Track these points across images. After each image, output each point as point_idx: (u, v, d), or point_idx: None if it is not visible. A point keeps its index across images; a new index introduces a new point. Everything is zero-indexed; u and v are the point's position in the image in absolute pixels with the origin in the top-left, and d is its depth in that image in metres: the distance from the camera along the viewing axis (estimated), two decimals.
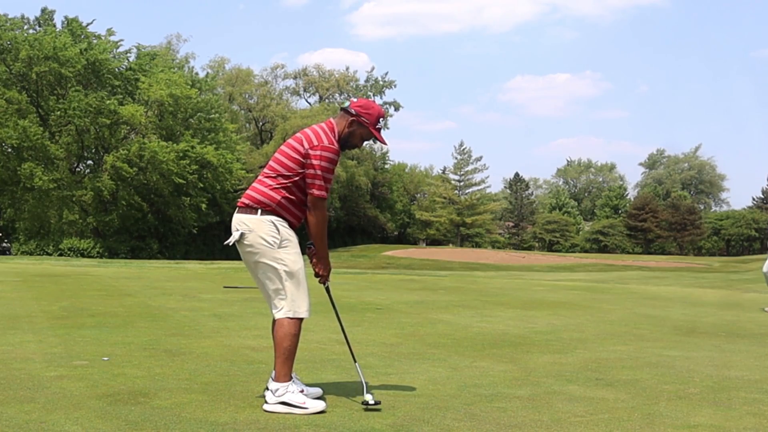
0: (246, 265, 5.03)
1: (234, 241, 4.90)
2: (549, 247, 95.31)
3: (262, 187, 4.89)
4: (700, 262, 57.34)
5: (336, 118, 5.04)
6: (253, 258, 4.89)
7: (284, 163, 4.85)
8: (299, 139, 4.87)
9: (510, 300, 13.79)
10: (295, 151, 4.83)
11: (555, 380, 5.84)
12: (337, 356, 6.67)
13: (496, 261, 53.21)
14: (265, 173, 4.93)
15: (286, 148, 4.89)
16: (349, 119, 4.98)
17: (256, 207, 4.86)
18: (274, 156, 4.96)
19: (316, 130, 4.91)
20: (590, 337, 8.57)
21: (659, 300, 14.63)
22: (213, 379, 5.60)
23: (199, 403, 4.81)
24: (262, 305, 11.42)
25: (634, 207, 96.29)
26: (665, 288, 19.50)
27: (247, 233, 4.85)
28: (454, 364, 6.52)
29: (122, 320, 9.17)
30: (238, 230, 4.87)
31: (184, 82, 49.72)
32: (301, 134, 4.93)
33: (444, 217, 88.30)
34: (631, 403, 5.08)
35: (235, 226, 4.91)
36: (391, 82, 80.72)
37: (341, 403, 4.89)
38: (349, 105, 5.01)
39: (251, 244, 4.85)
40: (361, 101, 5.07)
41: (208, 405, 4.76)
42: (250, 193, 4.92)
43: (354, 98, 5.07)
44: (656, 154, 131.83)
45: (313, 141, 4.82)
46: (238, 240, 4.88)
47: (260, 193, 4.87)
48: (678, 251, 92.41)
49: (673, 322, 10.47)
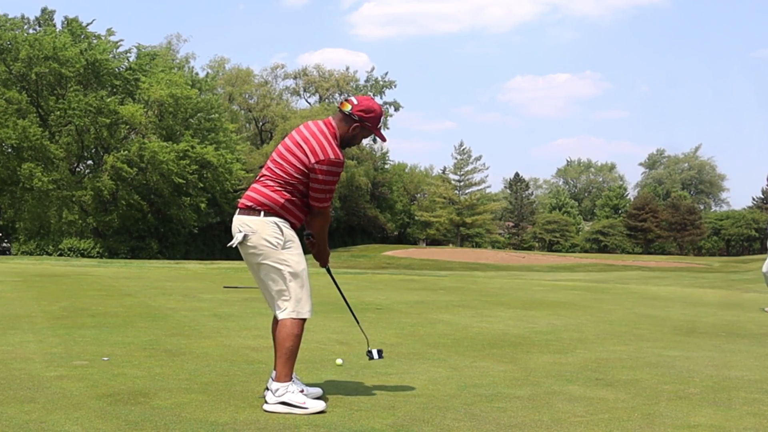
0: (248, 266, 5.02)
1: (237, 243, 4.88)
2: (549, 247, 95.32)
3: (264, 189, 4.86)
4: (700, 262, 57.33)
5: (336, 120, 4.96)
6: (256, 259, 4.87)
7: (286, 169, 4.81)
8: (303, 150, 4.80)
9: (510, 300, 13.78)
10: (300, 161, 4.79)
11: (555, 380, 5.84)
12: (337, 356, 6.65)
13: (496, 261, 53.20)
14: (266, 175, 4.90)
15: (288, 154, 4.83)
16: (353, 125, 4.94)
17: (258, 209, 4.83)
18: (275, 158, 4.91)
19: (321, 140, 4.82)
20: (590, 337, 8.56)
21: (659, 300, 14.62)
22: (213, 379, 5.60)
23: (199, 403, 4.81)
24: (262, 305, 11.42)
25: (634, 207, 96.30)
26: (665, 288, 19.50)
27: (251, 235, 4.82)
28: (454, 364, 6.52)
29: (122, 320, 9.17)
30: (241, 232, 4.84)
31: (184, 82, 49.78)
32: (303, 142, 4.84)
33: (444, 217, 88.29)
34: (631, 403, 5.08)
35: (237, 227, 4.88)
36: (391, 82, 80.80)
37: (341, 403, 4.89)
38: (351, 109, 4.93)
39: (255, 245, 4.83)
40: (362, 103, 4.98)
41: (208, 405, 4.76)
42: (251, 194, 4.89)
43: (352, 97, 5.04)
44: (656, 154, 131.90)
45: (320, 155, 4.77)
46: (241, 242, 4.85)
47: (262, 194, 4.85)
48: (678, 251, 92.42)
49: (673, 322, 10.46)
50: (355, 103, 4.96)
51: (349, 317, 10.10)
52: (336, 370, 6.05)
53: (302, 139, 4.85)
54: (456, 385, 5.59)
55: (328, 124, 4.93)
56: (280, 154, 4.87)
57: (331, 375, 5.86)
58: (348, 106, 4.95)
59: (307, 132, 4.89)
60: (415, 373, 6.05)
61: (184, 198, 48.86)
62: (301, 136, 4.89)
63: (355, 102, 4.97)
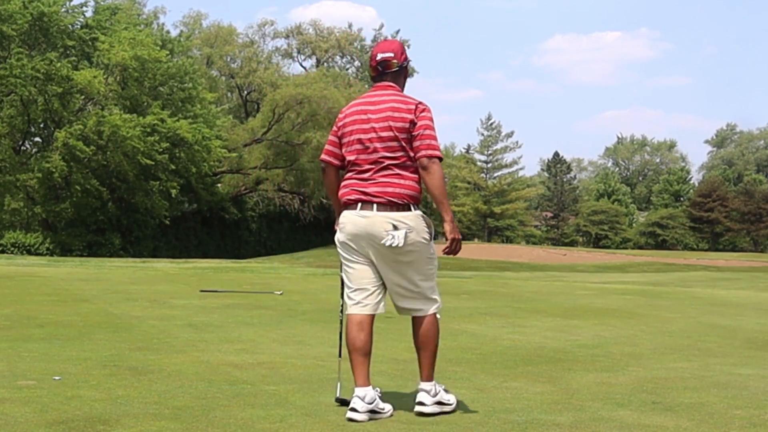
0: (382, 263, 5.47)
1: (400, 243, 5.30)
2: (595, 243, 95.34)
3: (400, 180, 5.37)
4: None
5: (388, 81, 5.54)
6: (408, 257, 5.43)
7: (401, 144, 5.36)
8: (397, 109, 5.38)
9: (548, 307, 13.79)
10: (404, 121, 5.35)
11: (603, 404, 5.84)
12: (338, 375, 6.66)
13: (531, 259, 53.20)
14: (389, 160, 5.38)
15: (389, 126, 5.35)
16: (405, 72, 5.62)
17: (407, 203, 5.37)
18: (375, 141, 5.39)
19: (399, 95, 5.48)
20: (646, 352, 8.57)
21: (729, 307, 14.60)
22: (187, 402, 5.62)
23: (170, 431, 4.82)
24: (246, 313, 11.45)
25: (699, 194, 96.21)
26: (737, 292, 19.47)
27: (398, 234, 5.30)
28: (481, 385, 6.54)
29: (77, 331, 9.19)
30: (400, 230, 5.30)
31: (153, 42, 49.65)
32: (387, 108, 5.40)
33: (468, 205, 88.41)
34: (695, 431, 5.07)
35: (386, 225, 5.33)
36: (404, 42, 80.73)
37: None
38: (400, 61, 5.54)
39: (412, 242, 5.38)
40: (397, 48, 5.59)
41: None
42: (384, 188, 5.36)
43: (379, 54, 5.57)
44: (726, 129, 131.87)
45: (411, 102, 5.41)
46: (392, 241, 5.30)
47: (403, 186, 5.37)
48: (752, 247, 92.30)
49: (746, 334, 10.45)
50: (394, 54, 5.55)
51: None
52: (335, 392, 6.05)
53: (387, 108, 5.41)
54: (483, 409, 5.60)
55: (388, 87, 5.53)
56: (378, 138, 5.38)
57: (330, 397, 5.87)
58: (395, 61, 5.53)
59: (385, 98, 5.47)
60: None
61: (152, 182, 48.78)
62: (380, 105, 5.44)
63: (391, 54, 5.54)
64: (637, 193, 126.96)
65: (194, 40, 66.56)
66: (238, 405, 5.55)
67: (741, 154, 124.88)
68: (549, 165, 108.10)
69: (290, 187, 59.23)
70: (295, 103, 55.30)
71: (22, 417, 5.06)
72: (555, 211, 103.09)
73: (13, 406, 5.36)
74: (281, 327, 10.06)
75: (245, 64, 73.02)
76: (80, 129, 45.39)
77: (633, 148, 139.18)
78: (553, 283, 22.19)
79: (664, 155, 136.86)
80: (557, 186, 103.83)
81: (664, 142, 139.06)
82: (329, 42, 79.58)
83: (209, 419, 5.14)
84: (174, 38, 56.59)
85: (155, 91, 50.40)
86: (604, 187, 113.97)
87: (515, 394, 6.16)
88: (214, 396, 5.85)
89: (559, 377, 6.96)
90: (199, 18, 75.20)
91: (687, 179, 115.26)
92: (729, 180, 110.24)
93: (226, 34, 73.47)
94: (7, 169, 46.04)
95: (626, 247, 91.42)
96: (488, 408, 5.64)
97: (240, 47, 74.37)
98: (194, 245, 55.78)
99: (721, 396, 6.20)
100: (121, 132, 44.73)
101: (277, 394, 5.97)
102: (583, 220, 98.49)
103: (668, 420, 5.37)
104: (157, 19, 64.60)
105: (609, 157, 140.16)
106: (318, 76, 63.61)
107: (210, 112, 53.82)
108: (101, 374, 6.57)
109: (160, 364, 7.08)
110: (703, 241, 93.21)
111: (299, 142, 55.27)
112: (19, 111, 47.04)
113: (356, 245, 5.45)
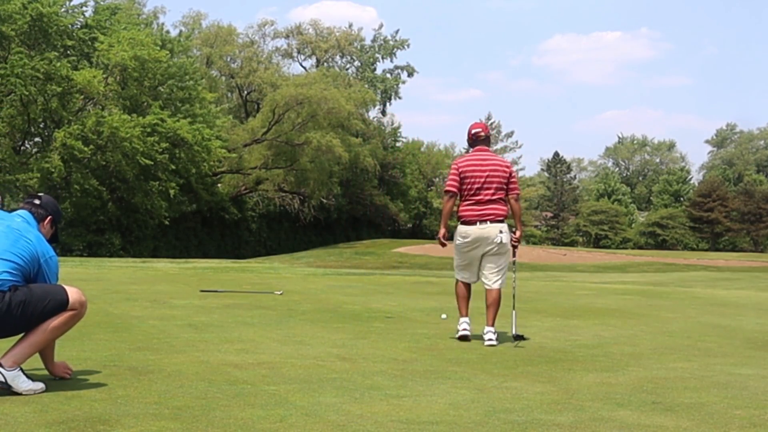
0: (472, 255, 9.22)
1: (503, 240, 9.10)
2: (595, 243, 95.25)
3: (500, 206, 9.16)
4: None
5: (484, 145, 9.47)
6: (501, 249, 9.14)
7: (502, 186, 9.20)
8: (502, 167, 9.31)
9: (548, 307, 13.81)
10: (505, 174, 9.25)
11: (603, 404, 5.85)
12: (338, 375, 6.67)
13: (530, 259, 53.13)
14: (497, 195, 9.17)
15: (497, 175, 9.18)
16: (488, 140, 9.68)
17: (503, 219, 9.12)
18: (489, 183, 9.15)
19: (497, 157, 9.58)
20: (645, 352, 8.59)
21: (729, 307, 14.61)
22: (187, 402, 5.62)
23: (170, 431, 4.82)
24: (246, 313, 11.45)
25: (699, 194, 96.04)
26: (737, 292, 19.47)
27: (503, 235, 9.08)
28: (481, 385, 6.54)
29: (77, 332, 9.16)
30: (503, 232, 9.09)
31: (152, 42, 49.63)
32: (494, 164, 9.29)
33: None
34: (695, 431, 5.07)
35: (497, 231, 9.07)
36: (404, 41, 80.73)
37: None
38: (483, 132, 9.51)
39: (506, 243, 9.14)
40: (481, 125, 9.63)
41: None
42: (495, 212, 9.13)
43: (476, 129, 9.50)
44: (726, 129, 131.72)
45: (506, 163, 9.60)
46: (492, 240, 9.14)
47: (502, 210, 9.16)
48: (752, 247, 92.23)
49: (746, 334, 10.46)
50: (482, 129, 9.56)
51: (353, 328, 10.14)
52: (335, 392, 6.06)
53: (494, 165, 9.27)
54: (483, 410, 5.60)
55: (486, 150, 9.49)
56: (495, 177, 9.17)
57: (330, 397, 5.87)
58: (483, 134, 9.49)
59: (492, 157, 9.39)
60: (434, 395, 6.07)
61: (152, 183, 48.76)
62: (489, 164, 9.24)
63: (480, 129, 9.53)
64: (637, 193, 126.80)
65: (194, 40, 66.51)
66: (238, 405, 5.56)
67: (741, 154, 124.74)
68: (549, 165, 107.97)
69: (290, 187, 59.22)
70: (295, 103, 55.33)
71: (22, 417, 5.06)
72: (555, 211, 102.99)
73: (13, 406, 5.36)
74: (281, 327, 10.06)
75: (245, 64, 72.99)
76: (79, 129, 45.35)
77: (633, 148, 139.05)
78: (553, 283, 22.20)
79: (664, 155, 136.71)
80: (557, 186, 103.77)
81: (664, 142, 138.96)
82: (329, 42, 79.56)
83: (209, 419, 5.14)
84: (174, 38, 56.59)
85: (155, 91, 50.39)
86: (604, 187, 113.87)
87: (515, 394, 6.16)
88: (214, 396, 5.85)
89: (559, 377, 6.96)
90: (199, 18, 75.16)
91: (687, 179, 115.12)
92: (729, 180, 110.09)
93: (225, 34, 73.43)
94: (7, 169, 46.02)
95: (626, 247, 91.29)
96: (488, 408, 5.64)
97: (240, 47, 74.36)
98: (194, 245, 55.77)
99: (721, 396, 6.21)
100: (121, 132, 44.69)
101: (277, 394, 5.97)
102: (583, 220, 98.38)
103: (668, 420, 5.38)
104: (157, 19, 64.68)
105: (609, 157, 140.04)
106: (318, 76, 63.63)
107: (210, 112, 53.80)
108: (101, 374, 6.57)
109: (160, 364, 7.08)
110: (703, 241, 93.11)
111: (299, 143, 55.29)
112: (19, 111, 47.01)
113: (473, 246, 9.14)
